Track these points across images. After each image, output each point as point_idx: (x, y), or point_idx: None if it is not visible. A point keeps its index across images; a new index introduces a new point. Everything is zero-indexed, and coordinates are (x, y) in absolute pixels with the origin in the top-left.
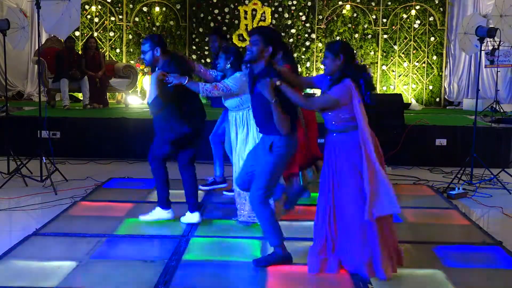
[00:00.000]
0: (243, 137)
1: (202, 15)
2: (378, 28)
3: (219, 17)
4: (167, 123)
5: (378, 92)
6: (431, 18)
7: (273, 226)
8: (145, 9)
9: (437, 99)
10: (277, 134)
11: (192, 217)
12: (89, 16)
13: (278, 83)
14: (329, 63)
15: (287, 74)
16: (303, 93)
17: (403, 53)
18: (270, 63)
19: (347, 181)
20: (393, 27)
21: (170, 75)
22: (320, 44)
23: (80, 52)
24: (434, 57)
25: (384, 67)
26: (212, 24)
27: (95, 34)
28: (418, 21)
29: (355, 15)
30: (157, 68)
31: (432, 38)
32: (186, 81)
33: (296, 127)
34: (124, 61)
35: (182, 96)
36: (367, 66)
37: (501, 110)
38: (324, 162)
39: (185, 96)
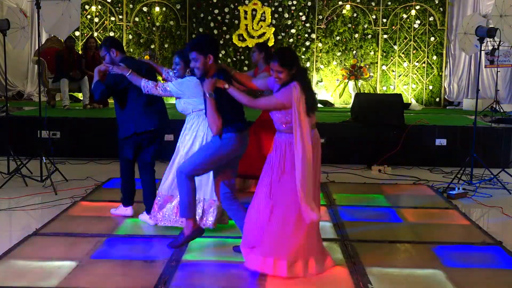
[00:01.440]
0: (189, 142)
1: (202, 15)
2: (378, 28)
3: (219, 17)
4: (130, 118)
5: (378, 92)
6: (431, 18)
7: (189, 200)
8: (145, 9)
9: (437, 99)
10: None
11: (148, 218)
12: (89, 16)
13: (226, 86)
14: (284, 76)
15: (237, 76)
16: None
17: (403, 53)
18: (220, 67)
19: (288, 180)
20: (393, 27)
21: (113, 66)
22: (320, 44)
23: (80, 52)
24: (434, 57)
25: (384, 67)
26: (212, 24)
27: (95, 34)
28: (418, 21)
29: (355, 15)
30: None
31: (432, 38)
32: (128, 73)
33: (242, 128)
34: None
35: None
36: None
37: (501, 110)
38: (268, 159)
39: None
